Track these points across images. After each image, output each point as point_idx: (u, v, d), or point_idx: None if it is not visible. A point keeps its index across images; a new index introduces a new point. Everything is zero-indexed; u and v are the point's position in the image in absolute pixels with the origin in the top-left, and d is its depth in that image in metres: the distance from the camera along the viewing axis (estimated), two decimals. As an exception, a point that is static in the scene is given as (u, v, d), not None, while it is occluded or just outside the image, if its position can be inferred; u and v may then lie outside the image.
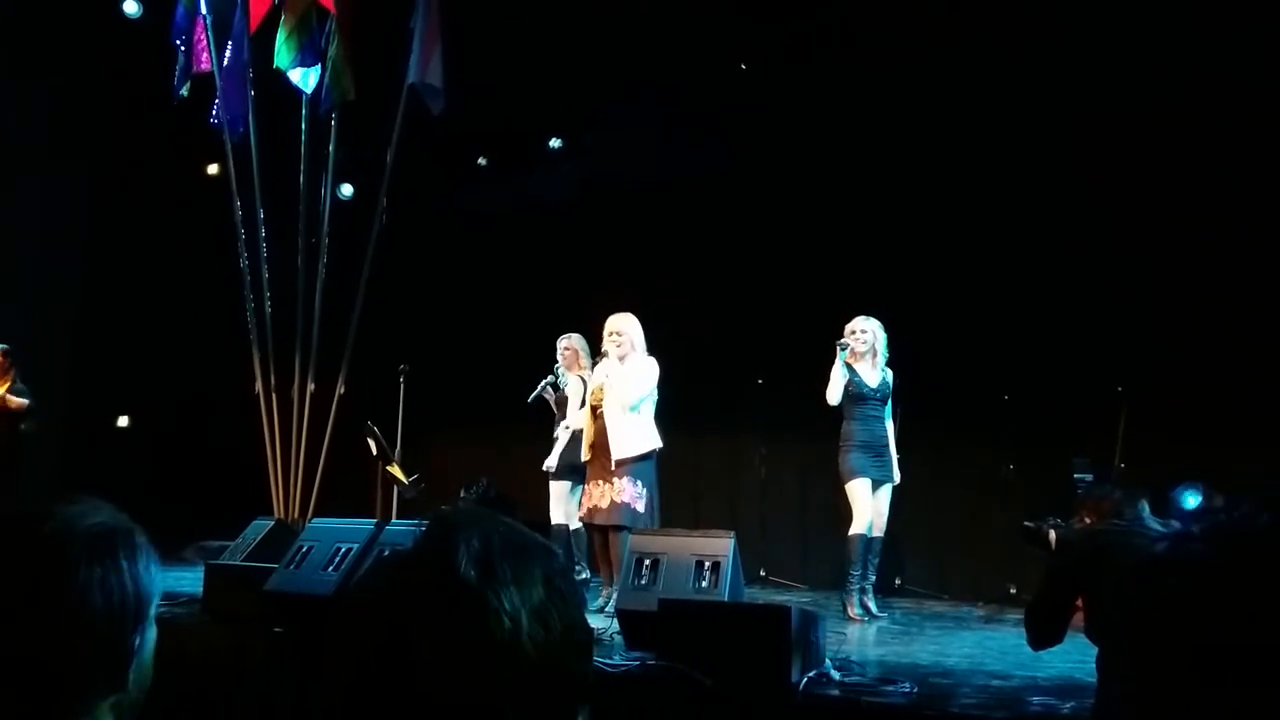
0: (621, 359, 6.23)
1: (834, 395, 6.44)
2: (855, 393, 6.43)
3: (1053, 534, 5.14)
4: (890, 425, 6.55)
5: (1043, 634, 3.45)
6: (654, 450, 6.21)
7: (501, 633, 0.86)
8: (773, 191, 8.63)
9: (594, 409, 6.31)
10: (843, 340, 6.46)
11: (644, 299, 8.23)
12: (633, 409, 6.14)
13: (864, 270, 7.86)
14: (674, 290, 8.67)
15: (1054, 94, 7.51)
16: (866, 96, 8.08)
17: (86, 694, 1.15)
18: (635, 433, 6.14)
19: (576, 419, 6.85)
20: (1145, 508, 3.64)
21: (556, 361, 7.25)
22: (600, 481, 6.16)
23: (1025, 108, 7.60)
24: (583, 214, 9.31)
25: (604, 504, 6.09)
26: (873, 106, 8.08)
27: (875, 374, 6.50)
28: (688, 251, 8.88)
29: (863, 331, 6.48)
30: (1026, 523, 6.11)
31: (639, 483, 6.07)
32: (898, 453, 6.54)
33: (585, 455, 6.39)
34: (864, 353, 6.49)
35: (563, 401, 7.16)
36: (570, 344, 7.23)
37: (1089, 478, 6.05)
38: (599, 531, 6.20)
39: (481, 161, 10.18)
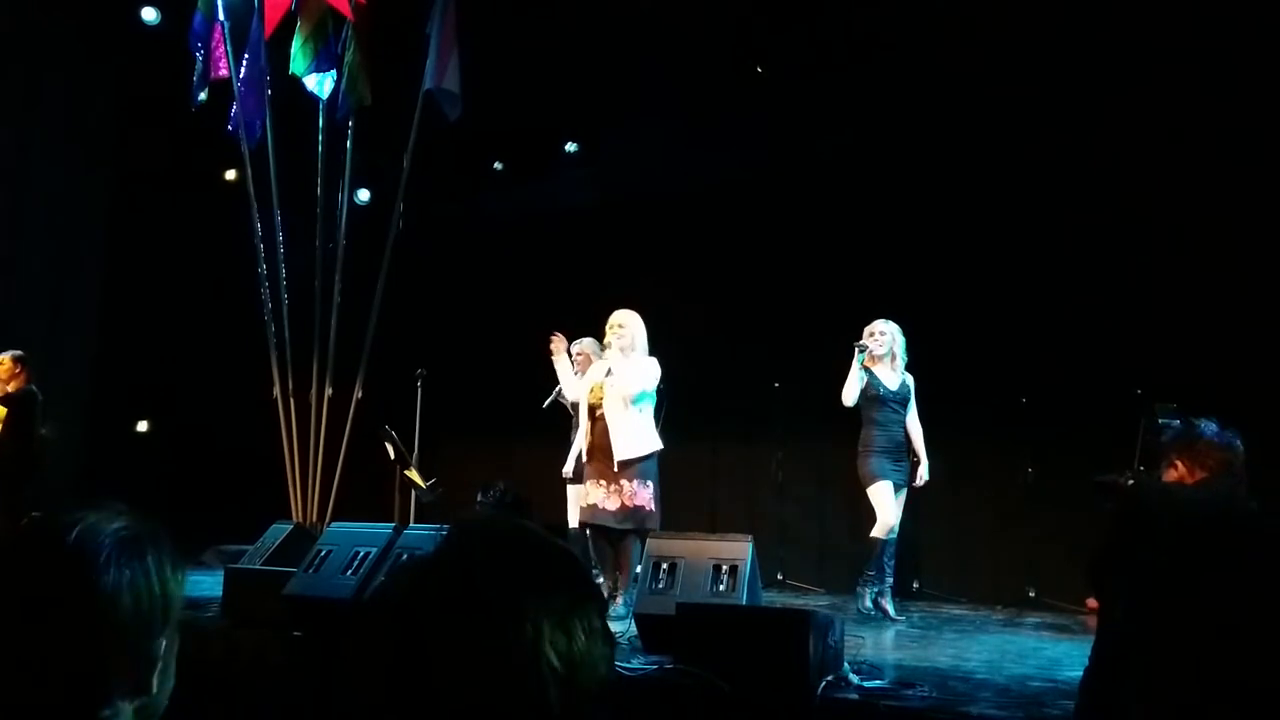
0: (622, 351, 6.11)
1: (849, 397, 6.42)
2: (874, 395, 6.41)
3: (1130, 484, 4.86)
4: (917, 427, 6.53)
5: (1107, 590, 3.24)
6: (656, 451, 6.09)
7: (523, 639, 0.86)
8: (789, 196, 8.63)
9: (592, 408, 6.19)
10: (861, 342, 6.44)
11: (659, 303, 8.22)
12: (635, 402, 6.02)
13: (881, 275, 7.85)
14: (690, 294, 8.67)
15: (1071, 96, 7.48)
16: (882, 101, 8.07)
17: (111, 697, 1.16)
18: (638, 432, 6.02)
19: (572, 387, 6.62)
20: (1238, 444, 3.39)
21: (572, 364, 7.25)
22: (601, 481, 6.01)
23: (1041, 110, 7.57)
24: (598, 219, 9.33)
25: (611, 506, 5.95)
26: (889, 111, 8.06)
27: (894, 376, 6.48)
28: (704, 256, 8.88)
29: (881, 334, 6.46)
30: (1099, 477, 5.88)
31: (649, 483, 5.97)
32: (925, 454, 6.54)
33: (583, 455, 6.27)
34: (883, 355, 6.47)
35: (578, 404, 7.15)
36: (582, 349, 7.22)
37: (1175, 423, 5.63)
38: (602, 532, 6.05)
39: (498, 166, 10.20)
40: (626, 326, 6.18)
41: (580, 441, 6.96)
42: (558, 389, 7.17)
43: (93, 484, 9.70)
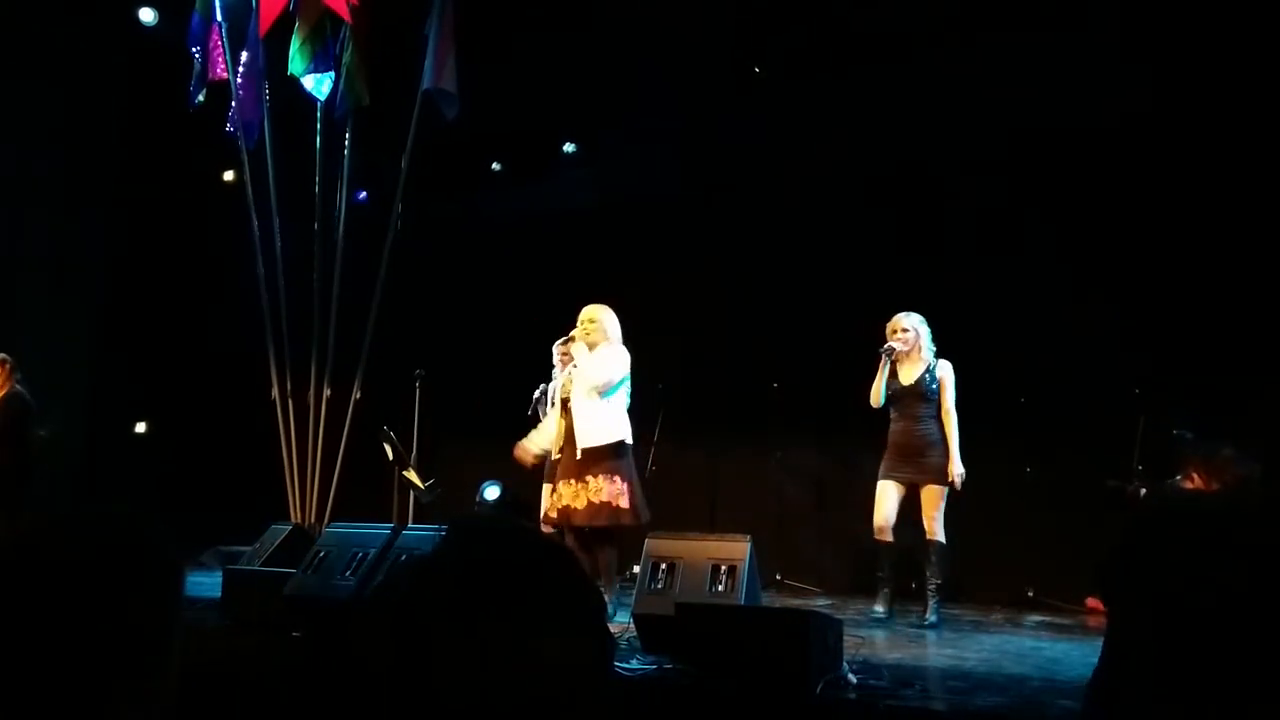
0: (591, 347, 6.01)
1: (874, 397, 6.38)
2: (890, 392, 6.38)
3: (1142, 492, 4.84)
4: (947, 420, 6.28)
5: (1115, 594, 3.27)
6: (624, 441, 5.93)
7: (523, 639, 0.86)
8: (788, 197, 8.62)
9: (564, 402, 6.08)
10: (887, 346, 6.34)
11: (658, 303, 8.26)
12: (604, 396, 5.89)
13: (880, 274, 7.84)
14: (689, 295, 8.67)
15: (1069, 97, 7.48)
16: (880, 102, 8.07)
17: (111, 700, 1.16)
18: (603, 421, 5.86)
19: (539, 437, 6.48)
20: (1255, 464, 3.47)
21: (554, 366, 7.23)
22: (571, 480, 5.85)
23: (1040, 110, 7.56)
24: (597, 219, 9.32)
25: (579, 504, 5.79)
26: (887, 112, 8.06)
27: (913, 371, 6.35)
28: (703, 256, 8.87)
29: (905, 331, 6.39)
30: (1110, 482, 5.77)
31: (616, 479, 5.79)
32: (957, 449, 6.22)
33: (555, 452, 6.14)
34: (908, 350, 6.37)
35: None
36: (565, 348, 7.20)
37: (1189, 435, 5.56)
38: (575, 533, 5.87)
39: (496, 167, 10.20)
40: (597, 321, 6.07)
41: (548, 428, 6.50)
42: (536, 396, 7.14)
43: (93, 484, 9.71)
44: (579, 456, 5.84)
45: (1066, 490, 7.12)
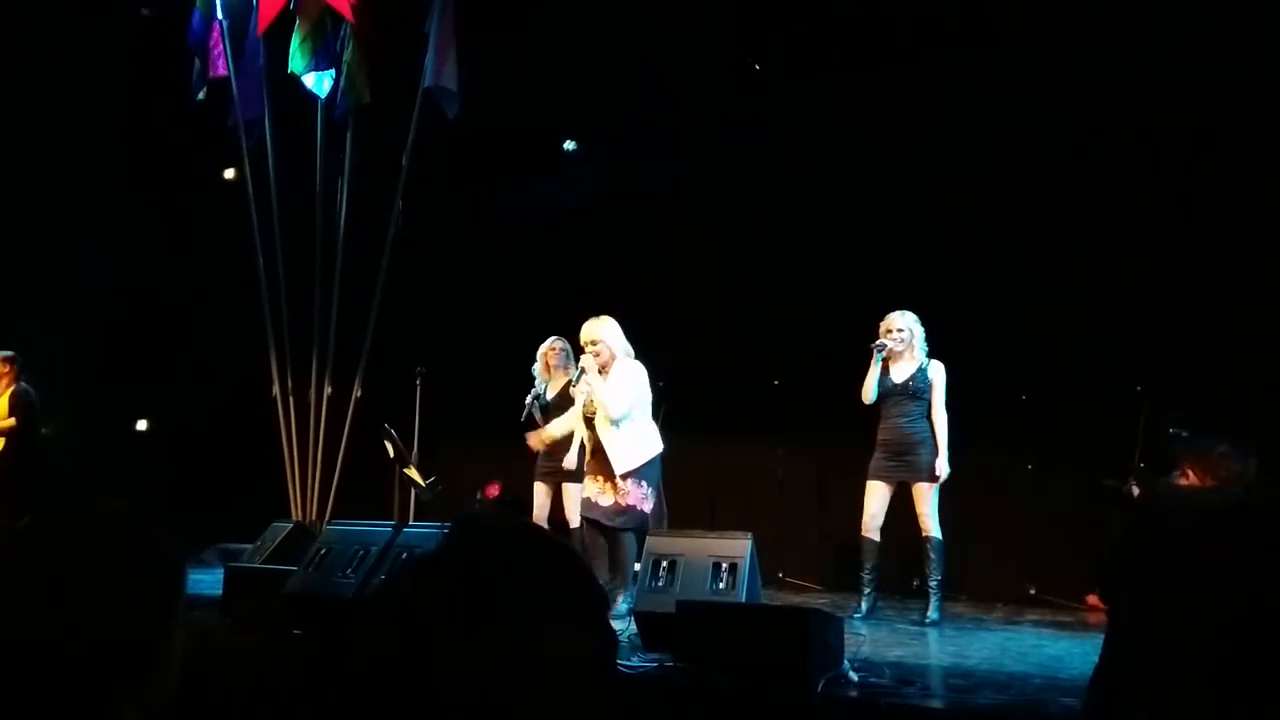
0: (602, 368, 6.02)
1: (866, 394, 6.39)
2: (881, 390, 6.38)
3: (1136, 491, 4.85)
4: (937, 418, 6.32)
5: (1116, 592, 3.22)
6: (656, 455, 6.02)
7: (525, 636, 0.86)
8: (788, 194, 8.62)
9: (588, 420, 6.15)
10: (880, 342, 6.37)
11: (660, 301, 8.25)
12: (624, 419, 5.94)
13: (881, 271, 7.83)
14: (690, 292, 8.66)
15: (1071, 95, 7.48)
16: (881, 99, 8.06)
17: (112, 697, 1.16)
18: (632, 443, 5.95)
19: (560, 426, 6.62)
20: (1251, 459, 3.46)
21: (533, 372, 7.23)
22: (600, 477, 5.97)
23: (1042, 107, 7.56)
24: (598, 218, 9.31)
25: (605, 502, 5.91)
26: (888, 109, 8.06)
27: (906, 368, 6.37)
28: (704, 253, 8.87)
29: (899, 330, 6.41)
30: (1106, 480, 5.78)
31: (644, 483, 5.90)
32: (945, 446, 6.29)
33: (569, 460, 6.37)
34: (901, 350, 6.39)
35: (548, 409, 7.06)
36: (553, 346, 7.19)
37: (1185, 433, 5.59)
38: (596, 527, 5.98)
39: (496, 165, 10.19)
40: (600, 341, 6.05)
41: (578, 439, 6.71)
42: (529, 401, 7.11)
43: (94, 483, 9.71)
44: (616, 474, 5.91)
45: (1068, 488, 7.12)
